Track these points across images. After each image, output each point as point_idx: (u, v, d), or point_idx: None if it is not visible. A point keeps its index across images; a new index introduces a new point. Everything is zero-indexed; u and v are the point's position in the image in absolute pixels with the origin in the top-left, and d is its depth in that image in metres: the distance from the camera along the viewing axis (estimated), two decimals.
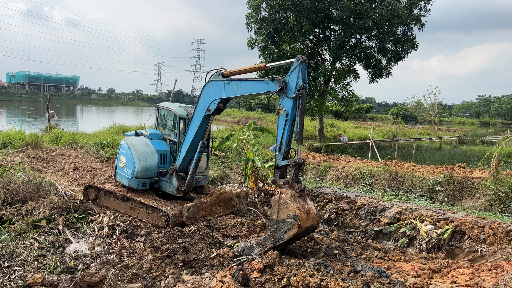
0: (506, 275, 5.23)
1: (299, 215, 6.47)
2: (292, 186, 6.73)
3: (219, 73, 8.40)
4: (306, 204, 6.81)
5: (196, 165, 9.30)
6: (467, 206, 14.02)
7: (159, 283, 6.31)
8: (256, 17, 26.46)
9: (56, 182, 11.00)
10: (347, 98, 31.53)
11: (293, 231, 6.54)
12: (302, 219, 6.53)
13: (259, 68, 7.98)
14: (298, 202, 6.64)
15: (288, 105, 6.89)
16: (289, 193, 6.63)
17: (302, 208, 6.64)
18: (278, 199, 6.69)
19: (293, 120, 6.92)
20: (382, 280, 5.80)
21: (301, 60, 6.78)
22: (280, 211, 6.67)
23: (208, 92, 8.62)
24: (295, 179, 6.84)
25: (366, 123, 59.01)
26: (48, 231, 8.24)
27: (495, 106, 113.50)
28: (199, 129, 8.92)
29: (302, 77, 6.77)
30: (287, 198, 6.58)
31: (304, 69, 6.83)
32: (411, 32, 26.32)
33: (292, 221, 6.51)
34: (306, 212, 6.66)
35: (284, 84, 6.97)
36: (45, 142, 15.90)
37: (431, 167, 17.89)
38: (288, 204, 6.54)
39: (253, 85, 7.73)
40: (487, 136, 41.64)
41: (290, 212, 6.53)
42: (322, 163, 19.33)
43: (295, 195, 6.66)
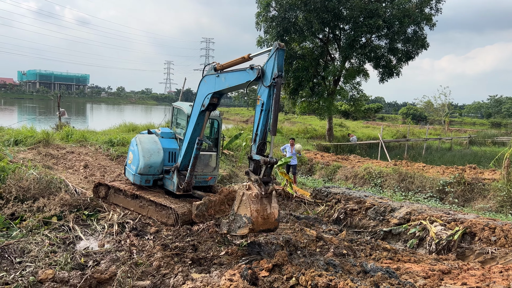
0: None
1: (254, 219, 6.36)
2: (260, 186, 6.48)
3: (212, 67, 8.30)
4: (269, 207, 6.61)
5: (194, 163, 9.22)
6: (478, 208, 13.89)
7: (168, 280, 6.34)
8: (266, 16, 26.44)
9: (67, 180, 11.10)
10: (357, 98, 31.38)
11: (243, 231, 6.52)
12: (257, 223, 6.42)
13: (243, 59, 7.61)
14: (260, 204, 6.49)
15: (264, 94, 6.65)
16: (253, 193, 6.47)
17: (262, 211, 6.49)
18: (242, 194, 6.57)
19: (268, 110, 6.65)
20: (392, 281, 5.77)
21: (277, 47, 6.46)
22: (240, 207, 6.61)
23: (203, 87, 8.58)
24: (266, 179, 6.55)
25: (375, 123, 58.67)
26: (59, 227, 8.32)
27: (506, 106, 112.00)
28: (196, 125, 8.86)
29: (278, 65, 6.45)
30: (250, 197, 6.44)
31: (281, 56, 6.51)
32: (422, 31, 26.10)
33: (246, 221, 6.44)
34: (264, 216, 6.50)
35: (261, 72, 6.72)
36: (56, 140, 16.06)
37: (441, 168, 17.76)
38: (247, 204, 6.43)
39: (237, 76, 7.55)
40: (498, 137, 41.15)
41: (247, 213, 6.44)
42: (331, 163, 19.27)
43: (259, 196, 6.47)
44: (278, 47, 6.45)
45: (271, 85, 6.50)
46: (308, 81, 27.54)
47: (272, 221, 6.63)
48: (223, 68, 8.12)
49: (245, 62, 7.46)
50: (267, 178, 6.56)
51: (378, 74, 28.16)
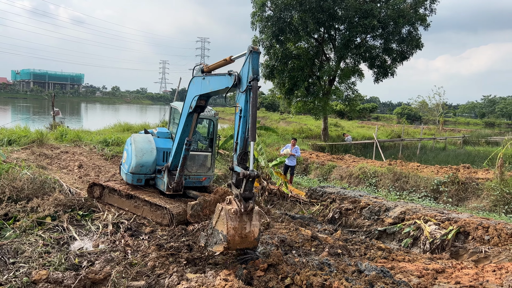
0: (511, 276, 5.20)
1: (230, 237, 5.93)
2: (239, 203, 5.99)
3: (200, 69, 8.12)
4: (248, 225, 6.16)
5: (183, 163, 9.14)
6: (472, 207, 13.98)
7: (163, 281, 6.32)
8: (261, 16, 26.45)
9: (61, 180, 11.05)
10: (352, 98, 31.48)
11: (219, 248, 6.17)
12: (233, 242, 6.03)
13: (225, 62, 7.39)
14: (238, 221, 6.03)
15: (241, 100, 6.36)
16: (233, 209, 5.99)
17: (240, 229, 6.05)
18: (220, 209, 6.11)
19: (246, 116, 6.32)
20: (386, 280, 5.80)
21: (251, 50, 6.22)
22: (218, 222, 6.16)
23: (192, 88, 8.44)
24: (247, 195, 6.01)
25: (370, 123, 58.87)
26: (52, 228, 8.27)
27: (500, 106, 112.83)
28: (185, 126, 8.78)
29: (253, 68, 6.18)
30: (228, 213, 5.99)
31: (255, 59, 6.27)
32: (416, 31, 26.22)
33: (222, 238, 6.03)
34: (242, 235, 6.08)
35: (238, 78, 6.48)
36: (50, 140, 15.97)
37: (436, 167, 17.86)
38: (224, 222, 5.98)
39: (218, 80, 7.33)
40: (492, 137, 41.42)
41: (223, 230, 6.01)
42: (326, 163, 19.32)
43: (238, 213, 6.00)
44: (252, 50, 6.23)
45: (247, 89, 6.21)
46: (303, 81, 27.59)
47: (251, 240, 6.23)
48: (209, 70, 7.94)
49: (228, 64, 7.24)
50: (248, 194, 6.03)
51: (373, 74, 28.27)
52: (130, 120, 26.13)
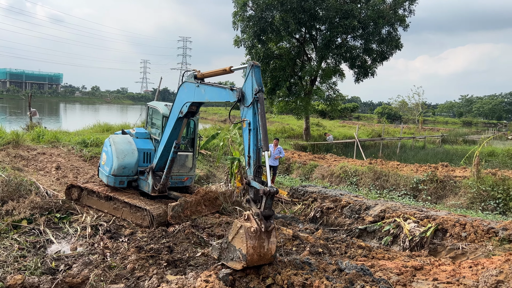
0: (486, 272, 5.32)
1: (249, 256, 5.84)
2: (260, 222, 5.87)
3: (192, 75, 8.09)
4: (267, 243, 6.05)
5: (170, 165, 9.13)
6: (450, 204, 14.25)
7: (142, 283, 6.24)
8: (243, 15, 26.41)
9: (38, 182, 10.80)
10: (333, 98, 31.72)
11: (236, 266, 6.03)
12: (252, 260, 5.89)
13: (224, 71, 7.50)
14: (257, 240, 5.91)
15: (248, 114, 6.44)
16: (252, 228, 5.85)
17: (259, 248, 5.93)
18: (239, 227, 5.96)
19: (256, 128, 6.36)
20: (366, 278, 5.85)
21: (252, 65, 6.46)
22: (236, 238, 6.04)
23: (182, 93, 8.41)
24: (267, 213, 5.91)
25: (351, 122, 59.52)
26: (29, 231, 8.08)
27: (477, 106, 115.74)
28: (174, 129, 8.74)
29: (257, 81, 6.39)
30: (247, 232, 5.85)
31: (257, 73, 6.50)
32: (396, 32, 26.59)
33: (240, 257, 5.92)
34: (261, 254, 5.99)
35: (241, 94, 6.57)
36: (27, 141, 15.61)
37: (415, 166, 18.14)
38: (244, 240, 5.84)
39: (217, 92, 7.39)
40: (469, 136, 42.43)
41: (242, 249, 5.87)
42: (308, 162, 19.42)
43: (258, 233, 5.87)
44: (253, 64, 6.45)
45: (254, 100, 6.33)
46: (285, 81, 27.67)
47: (268, 257, 6.14)
48: (203, 77, 7.95)
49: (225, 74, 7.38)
50: (268, 212, 5.94)
51: (354, 74, 28.54)
52: (110, 121, 25.78)
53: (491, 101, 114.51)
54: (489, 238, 8.90)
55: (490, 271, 5.24)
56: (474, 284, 5.32)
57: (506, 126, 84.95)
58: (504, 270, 5.10)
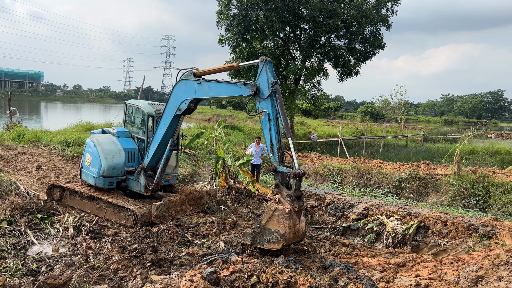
0: (467, 268, 5.43)
1: (287, 235, 6.33)
2: (293, 202, 6.39)
3: (191, 73, 8.24)
4: (299, 223, 6.58)
5: (165, 164, 9.15)
6: (431, 202, 14.50)
7: (126, 283, 6.18)
8: (227, 14, 26.32)
9: (18, 182, 10.58)
10: (317, 97, 31.89)
11: (275, 246, 6.43)
12: (289, 239, 6.41)
13: (232, 67, 7.92)
14: (292, 220, 6.42)
15: (266, 105, 6.82)
16: (287, 209, 6.33)
17: (293, 227, 6.44)
18: (274, 210, 6.42)
19: (276, 118, 6.81)
20: (350, 276, 5.91)
21: (265, 60, 6.88)
22: (271, 221, 6.46)
23: (179, 91, 8.47)
24: (298, 193, 6.50)
25: (335, 121, 59.96)
26: (9, 232, 7.91)
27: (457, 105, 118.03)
28: (169, 128, 8.77)
29: (272, 74, 6.79)
30: (283, 214, 6.32)
31: (271, 66, 6.90)
32: (379, 32, 26.86)
33: (278, 237, 6.36)
34: (295, 231, 6.49)
35: (256, 88, 6.92)
36: (6, 140, 15.25)
37: (398, 164, 18.39)
38: (281, 221, 6.32)
39: (225, 87, 7.65)
40: (450, 134, 43.23)
41: (280, 229, 6.34)
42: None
43: (292, 213, 6.39)
44: (266, 59, 6.86)
45: (272, 92, 6.70)
46: None
47: (300, 235, 6.65)
48: (203, 74, 8.10)
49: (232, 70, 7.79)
50: (298, 192, 6.50)
51: (337, 74, 28.73)
52: (92, 120, 25.40)
53: (472, 100, 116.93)
54: (470, 234, 9.10)
55: (470, 266, 5.36)
56: (455, 279, 5.43)
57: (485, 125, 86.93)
58: (484, 266, 5.22)
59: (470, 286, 5.07)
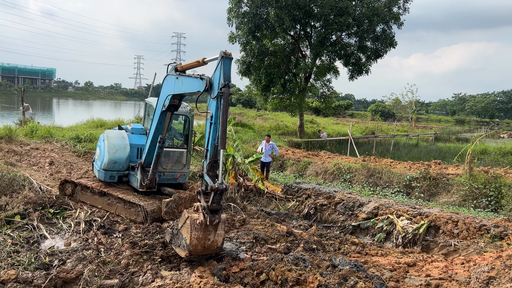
0: (478, 268, 5.39)
1: (192, 248, 6.00)
2: (206, 215, 5.91)
3: (173, 67, 7.92)
4: (213, 235, 6.12)
5: (156, 161, 9.06)
6: (442, 202, 14.38)
7: (136, 279, 6.24)
8: (237, 12, 26.36)
9: (31, 177, 10.73)
10: (327, 95, 31.80)
11: (181, 253, 6.27)
12: (195, 250, 6.08)
13: (198, 63, 7.16)
14: (202, 232, 5.99)
15: (212, 106, 6.21)
16: (198, 220, 5.92)
17: (203, 240, 6.05)
18: (186, 217, 6.08)
19: (217, 123, 6.13)
20: (359, 274, 5.89)
21: (223, 56, 6.06)
22: (183, 227, 6.19)
23: (165, 86, 8.25)
24: (215, 207, 5.94)
25: (345, 120, 59.71)
26: (22, 226, 8.04)
27: (470, 104, 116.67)
28: (159, 124, 8.64)
29: (224, 74, 6.02)
30: (193, 223, 5.93)
31: (227, 65, 6.10)
32: (390, 30, 26.70)
33: (185, 245, 6.09)
34: (205, 245, 6.10)
35: (209, 83, 6.29)
36: (20, 136, 15.49)
37: (408, 163, 18.26)
38: (189, 230, 5.97)
39: (191, 82, 7.13)
40: (462, 134, 42.74)
41: (187, 239, 6.03)
42: (302, 159, 19.48)
43: (203, 225, 5.95)
44: (224, 55, 6.07)
45: (218, 95, 6.05)
46: (280, 77, 27.69)
47: (213, 248, 6.26)
48: (183, 69, 7.74)
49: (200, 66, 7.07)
50: (216, 206, 5.95)
51: (348, 72, 28.63)
52: (103, 116, 25.66)
53: (484, 99, 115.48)
54: (481, 235, 8.99)
55: (482, 267, 5.31)
56: (466, 280, 5.38)
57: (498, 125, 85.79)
58: (496, 267, 5.17)
59: (482, 286, 5.03)
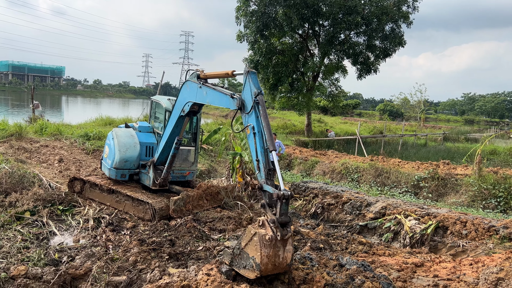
0: (487, 270, 5.35)
1: (263, 267, 5.44)
2: (276, 229, 5.42)
3: (195, 75, 8.00)
4: (282, 252, 5.63)
5: (171, 161, 9.19)
6: (450, 202, 14.27)
7: (144, 275, 6.29)
8: (246, 10, 26.35)
9: (41, 174, 10.84)
10: (335, 94, 31.70)
11: (249, 274, 5.65)
12: (266, 270, 5.52)
13: (227, 75, 7.32)
14: (272, 249, 5.47)
15: (251, 119, 6.26)
16: (267, 236, 5.41)
17: (273, 258, 5.52)
18: (253, 234, 5.54)
19: (261, 131, 6.14)
20: (367, 274, 5.88)
21: (247, 71, 6.41)
22: (249, 246, 5.63)
23: (185, 92, 8.36)
24: (284, 219, 5.49)
25: (353, 119, 59.48)
26: (32, 223, 8.14)
27: (479, 104, 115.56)
28: (175, 127, 8.75)
29: (255, 85, 6.32)
30: (262, 240, 5.43)
31: (254, 78, 6.44)
32: (399, 29, 26.53)
33: (254, 265, 5.53)
34: (276, 263, 5.58)
35: (241, 103, 6.46)
36: (29, 133, 15.65)
37: (416, 163, 18.13)
38: (258, 249, 5.43)
39: (219, 97, 7.24)
40: (471, 134, 42.37)
41: (256, 257, 5.48)
42: (309, 158, 19.44)
43: (274, 241, 5.43)
44: (248, 71, 6.41)
45: (254, 103, 6.20)
46: (288, 76, 27.64)
47: (283, 266, 5.71)
48: (206, 77, 7.85)
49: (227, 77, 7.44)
50: (285, 218, 5.50)
51: (356, 71, 28.49)
52: (112, 114, 25.81)
53: (494, 99, 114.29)
54: (490, 236, 8.92)
55: (490, 268, 5.27)
56: (474, 281, 5.35)
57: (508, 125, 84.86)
58: (505, 268, 5.13)
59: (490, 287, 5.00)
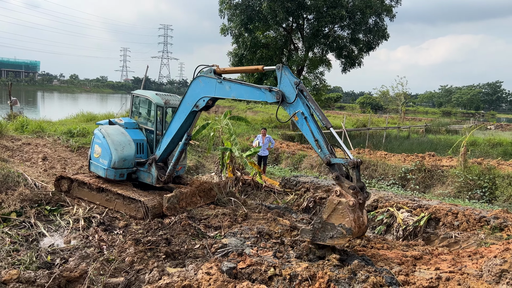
0: (490, 261, 5.39)
1: (353, 229, 5.99)
2: (356, 194, 6.04)
3: (211, 70, 8.13)
4: (362, 216, 6.21)
5: (179, 157, 9.11)
6: (437, 193, 14.49)
7: (143, 276, 6.12)
8: (230, 3, 26.04)
9: (25, 173, 10.46)
10: (319, 87, 31.75)
11: (340, 241, 6.17)
12: (355, 233, 6.06)
13: (256, 70, 7.89)
14: (356, 213, 6.06)
15: (298, 106, 6.81)
16: (351, 201, 6.02)
17: (358, 221, 6.07)
18: (337, 203, 6.11)
19: (311, 114, 6.78)
20: (368, 269, 5.86)
21: (280, 67, 7.00)
22: (334, 215, 6.15)
23: (197, 87, 8.38)
24: (361, 184, 6.19)
25: (335, 112, 59.91)
26: (19, 224, 7.83)
27: (456, 96, 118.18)
28: (185, 122, 8.73)
29: (292, 76, 6.91)
30: (348, 207, 6.01)
31: (288, 70, 7.01)
32: (383, 22, 26.69)
33: (344, 232, 6.06)
34: (360, 225, 6.11)
35: (282, 95, 6.93)
36: (10, 131, 15.10)
37: (402, 156, 18.34)
38: (346, 214, 6.02)
39: (249, 91, 7.57)
40: (451, 125, 43.21)
41: (345, 223, 6.03)
42: (297, 152, 19.43)
43: (357, 205, 6.05)
44: (281, 66, 7.00)
45: (298, 92, 6.77)
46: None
47: (363, 229, 6.28)
48: (224, 72, 8.06)
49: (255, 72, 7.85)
50: (360, 183, 6.20)
51: (341, 64, 28.57)
52: (91, 110, 25.19)
53: (470, 91, 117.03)
54: (481, 226, 9.06)
55: (494, 260, 5.31)
56: (478, 273, 5.38)
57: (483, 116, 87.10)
58: (508, 260, 5.18)
59: (495, 279, 5.03)
